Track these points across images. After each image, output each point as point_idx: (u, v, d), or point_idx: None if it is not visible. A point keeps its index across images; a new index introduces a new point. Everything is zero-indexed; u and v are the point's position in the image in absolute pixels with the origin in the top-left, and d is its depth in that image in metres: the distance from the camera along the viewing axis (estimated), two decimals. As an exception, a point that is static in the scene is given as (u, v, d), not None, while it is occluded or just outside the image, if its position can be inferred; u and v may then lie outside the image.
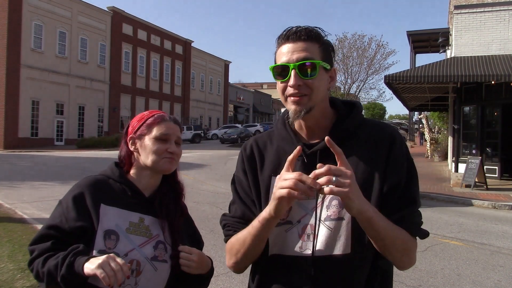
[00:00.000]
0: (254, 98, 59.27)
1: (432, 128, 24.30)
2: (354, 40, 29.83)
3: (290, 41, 1.09)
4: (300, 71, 1.06)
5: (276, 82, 1.13)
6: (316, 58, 1.07)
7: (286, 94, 1.10)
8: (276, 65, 1.11)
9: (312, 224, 1.08)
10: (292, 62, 1.07)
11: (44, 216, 7.02)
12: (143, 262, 1.27)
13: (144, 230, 1.31)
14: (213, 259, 1.54)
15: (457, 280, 4.51)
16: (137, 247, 1.28)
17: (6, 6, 25.39)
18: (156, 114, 1.41)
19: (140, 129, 1.39)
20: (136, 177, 1.39)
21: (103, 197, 1.30)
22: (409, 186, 1.10)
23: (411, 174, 1.11)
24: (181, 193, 1.47)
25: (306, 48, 1.07)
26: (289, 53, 1.08)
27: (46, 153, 22.24)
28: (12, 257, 4.67)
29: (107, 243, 1.24)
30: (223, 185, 11.41)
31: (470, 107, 14.10)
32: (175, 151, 1.37)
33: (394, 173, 1.09)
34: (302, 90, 1.07)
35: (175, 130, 1.40)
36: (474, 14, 14.05)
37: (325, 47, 1.11)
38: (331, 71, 1.15)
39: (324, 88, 1.12)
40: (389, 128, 1.17)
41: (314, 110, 1.10)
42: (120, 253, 1.23)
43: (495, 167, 13.09)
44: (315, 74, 1.07)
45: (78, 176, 12.08)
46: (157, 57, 39.87)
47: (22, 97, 26.56)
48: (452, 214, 8.39)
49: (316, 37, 1.09)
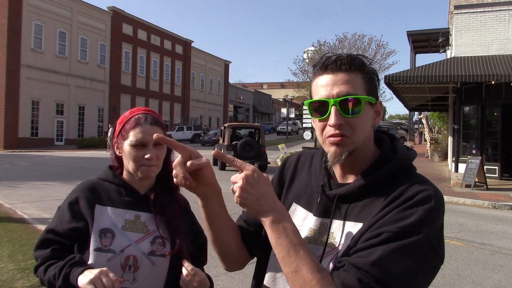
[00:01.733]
0: (254, 98, 59.29)
1: (432, 128, 24.29)
2: (354, 40, 29.82)
3: (329, 71, 0.95)
4: (342, 108, 0.92)
5: (313, 120, 0.99)
6: (359, 92, 0.93)
7: (325, 134, 0.95)
8: (313, 100, 0.97)
9: None
10: (332, 97, 0.93)
11: (44, 216, 7.02)
12: (140, 258, 1.29)
13: (140, 227, 1.33)
14: (213, 259, 1.54)
15: (457, 280, 4.51)
16: (134, 243, 1.30)
17: (6, 6, 25.38)
18: (134, 116, 1.38)
19: (120, 133, 1.39)
20: (130, 177, 1.41)
21: (97, 199, 1.35)
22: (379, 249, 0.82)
23: (404, 240, 0.82)
24: (176, 188, 1.46)
25: (348, 81, 0.93)
26: (329, 86, 0.94)
27: (46, 153, 22.24)
28: (12, 257, 4.67)
29: (103, 241, 1.27)
30: (223, 185, 11.39)
31: (470, 107, 14.10)
32: (152, 156, 1.33)
33: (376, 227, 0.86)
34: (343, 130, 0.93)
35: (152, 133, 1.32)
36: (474, 14, 14.06)
37: (369, 77, 0.97)
38: (377, 105, 0.99)
39: (368, 126, 0.97)
40: (421, 189, 0.89)
41: (355, 152, 0.96)
42: (116, 249, 1.27)
43: (495, 167, 13.10)
44: (359, 111, 0.93)
45: (78, 176, 12.11)
46: (157, 57, 39.87)
47: (22, 97, 26.56)
48: (452, 214, 8.39)
49: (359, 66, 0.95)
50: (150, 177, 1.38)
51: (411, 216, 0.85)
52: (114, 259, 1.27)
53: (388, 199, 0.91)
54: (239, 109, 57.92)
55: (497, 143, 13.20)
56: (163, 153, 1.40)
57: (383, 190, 0.93)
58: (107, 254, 1.26)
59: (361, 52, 29.51)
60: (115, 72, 34.46)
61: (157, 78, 40.04)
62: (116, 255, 1.27)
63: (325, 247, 0.96)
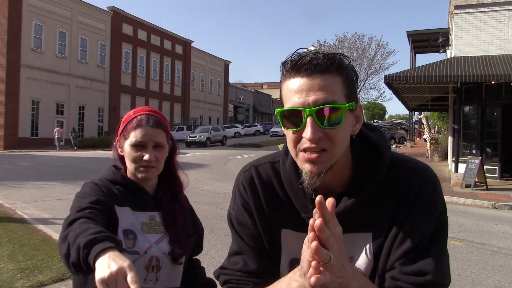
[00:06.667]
0: (254, 98, 59.28)
1: (431, 128, 24.29)
2: (354, 40, 29.88)
3: (303, 74, 0.81)
4: (319, 118, 0.79)
5: (283, 129, 0.87)
6: (339, 98, 0.81)
7: (299, 147, 0.83)
8: (285, 109, 0.83)
9: None
10: (307, 106, 0.79)
11: (44, 216, 7.02)
12: (161, 258, 1.31)
13: (156, 227, 1.35)
14: (213, 259, 1.56)
15: (457, 280, 4.51)
16: (154, 244, 1.31)
17: (6, 6, 25.37)
18: (136, 117, 1.36)
19: (122, 133, 1.38)
20: (135, 177, 1.38)
21: (114, 200, 1.30)
22: (424, 253, 0.85)
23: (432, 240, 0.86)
24: (179, 189, 1.46)
25: (325, 86, 0.80)
26: (303, 92, 0.80)
27: (46, 153, 22.24)
28: (12, 257, 4.67)
29: (127, 242, 1.26)
30: (223, 185, 11.42)
31: (470, 107, 14.10)
32: (151, 158, 1.31)
33: (407, 239, 0.86)
34: (321, 143, 0.80)
35: (153, 135, 1.33)
36: (474, 14, 14.06)
37: (349, 79, 0.84)
38: (357, 109, 0.87)
39: (348, 136, 0.85)
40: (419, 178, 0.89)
41: (334, 166, 0.85)
42: (139, 251, 1.27)
43: (495, 167, 13.09)
44: (339, 122, 0.80)
45: (78, 176, 12.11)
46: (157, 57, 39.87)
47: (22, 97, 26.55)
48: (452, 214, 8.38)
49: (338, 67, 0.81)
50: (149, 179, 1.37)
51: (434, 209, 0.88)
52: (139, 261, 1.26)
53: (396, 201, 0.88)
54: (239, 109, 57.93)
55: (497, 143, 13.20)
56: (164, 155, 1.38)
57: (382, 193, 0.89)
58: (132, 256, 1.25)
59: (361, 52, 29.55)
60: (115, 72, 34.45)
61: (157, 78, 40.04)
62: (141, 256, 1.27)
63: None
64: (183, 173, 1.49)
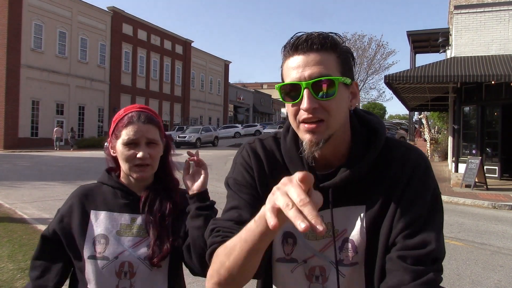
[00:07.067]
0: (254, 98, 59.26)
1: (431, 128, 24.28)
2: (354, 40, 29.85)
3: (300, 52, 0.88)
4: (315, 91, 0.86)
5: (286, 105, 0.93)
6: (333, 72, 0.87)
7: (298, 119, 0.89)
8: (284, 83, 0.90)
9: (322, 267, 0.96)
10: (304, 80, 0.86)
11: (44, 216, 7.02)
12: (135, 263, 1.24)
13: (136, 230, 1.28)
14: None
15: (457, 280, 4.51)
16: (129, 248, 1.25)
17: (6, 6, 25.37)
18: (127, 114, 1.31)
19: (114, 132, 1.32)
20: (127, 179, 1.35)
21: (92, 204, 1.31)
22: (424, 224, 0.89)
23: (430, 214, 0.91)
24: (173, 188, 1.39)
25: (320, 61, 0.87)
26: (300, 68, 0.87)
27: (46, 153, 22.24)
28: (12, 257, 4.67)
29: (97, 248, 1.23)
30: (223, 185, 11.41)
31: (470, 107, 14.10)
32: (145, 155, 1.26)
33: (409, 208, 0.90)
34: (318, 114, 0.87)
35: (145, 132, 1.28)
36: (474, 14, 14.06)
37: (344, 57, 0.91)
38: (352, 85, 0.94)
39: (344, 109, 0.92)
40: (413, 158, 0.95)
41: (333, 137, 0.91)
42: (110, 256, 1.23)
43: (495, 167, 13.10)
44: (333, 93, 0.87)
45: (78, 176, 12.11)
46: (157, 57, 39.86)
47: (22, 97, 26.55)
48: (452, 214, 8.38)
49: (332, 45, 0.88)
50: (145, 178, 1.31)
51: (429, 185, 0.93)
52: (108, 267, 1.22)
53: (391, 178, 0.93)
54: (239, 109, 57.91)
55: (497, 143, 13.20)
56: (158, 152, 1.32)
57: (378, 170, 0.95)
58: (101, 262, 1.22)
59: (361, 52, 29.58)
60: (115, 72, 34.45)
61: (157, 78, 40.03)
62: (111, 262, 1.22)
63: (334, 236, 0.95)
64: (180, 172, 1.43)
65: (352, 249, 0.93)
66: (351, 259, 0.94)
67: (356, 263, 0.94)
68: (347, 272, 0.94)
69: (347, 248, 0.94)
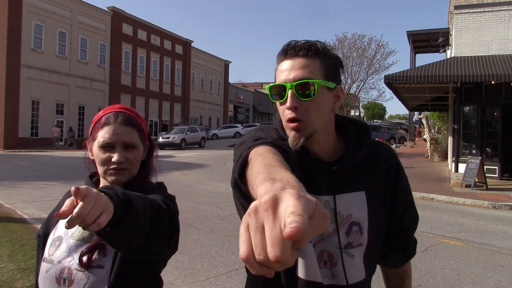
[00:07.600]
0: (254, 98, 59.25)
1: (431, 128, 24.27)
2: (354, 40, 29.74)
3: (288, 57, 1.00)
4: (297, 92, 0.96)
5: (276, 104, 1.05)
6: (316, 76, 0.97)
7: (284, 117, 1.01)
8: (273, 84, 1.01)
9: (330, 251, 1.02)
10: (289, 81, 0.97)
11: (44, 216, 7.00)
12: (74, 270, 1.11)
13: (88, 235, 1.15)
14: (213, 259, 1.53)
15: (457, 280, 4.51)
16: (73, 253, 1.14)
17: (6, 6, 25.38)
18: (105, 115, 1.22)
19: (91, 134, 1.24)
20: (104, 183, 1.25)
21: (60, 206, 1.23)
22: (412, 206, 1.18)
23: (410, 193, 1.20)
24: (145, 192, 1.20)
25: (305, 65, 0.97)
26: (287, 71, 0.98)
27: (46, 153, 22.24)
28: (12, 257, 4.67)
29: (51, 250, 1.16)
30: (223, 185, 11.42)
31: (470, 107, 14.10)
32: (120, 159, 1.16)
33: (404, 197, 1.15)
34: (298, 113, 0.97)
35: (122, 134, 1.18)
36: (474, 14, 14.05)
37: (328, 62, 1.01)
38: (337, 89, 1.04)
39: (326, 110, 1.01)
40: (391, 151, 1.18)
41: (316, 135, 1.02)
42: (54, 259, 1.14)
43: (495, 167, 13.09)
44: (313, 94, 0.96)
45: (78, 176, 12.06)
46: (157, 57, 39.87)
47: (22, 97, 26.55)
48: (452, 214, 8.38)
49: (317, 52, 0.99)
50: (120, 183, 1.19)
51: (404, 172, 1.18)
52: (50, 271, 1.13)
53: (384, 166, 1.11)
54: (239, 109, 57.90)
55: (497, 143, 13.19)
56: (136, 156, 1.22)
57: (370, 160, 1.09)
58: (47, 265, 1.14)
59: (361, 52, 29.57)
60: (115, 72, 34.46)
61: (157, 78, 40.03)
62: (53, 266, 1.13)
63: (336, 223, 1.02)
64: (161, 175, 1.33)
65: (359, 231, 1.03)
66: (359, 241, 1.03)
67: (361, 244, 1.04)
68: (356, 254, 1.03)
69: (355, 231, 1.03)
